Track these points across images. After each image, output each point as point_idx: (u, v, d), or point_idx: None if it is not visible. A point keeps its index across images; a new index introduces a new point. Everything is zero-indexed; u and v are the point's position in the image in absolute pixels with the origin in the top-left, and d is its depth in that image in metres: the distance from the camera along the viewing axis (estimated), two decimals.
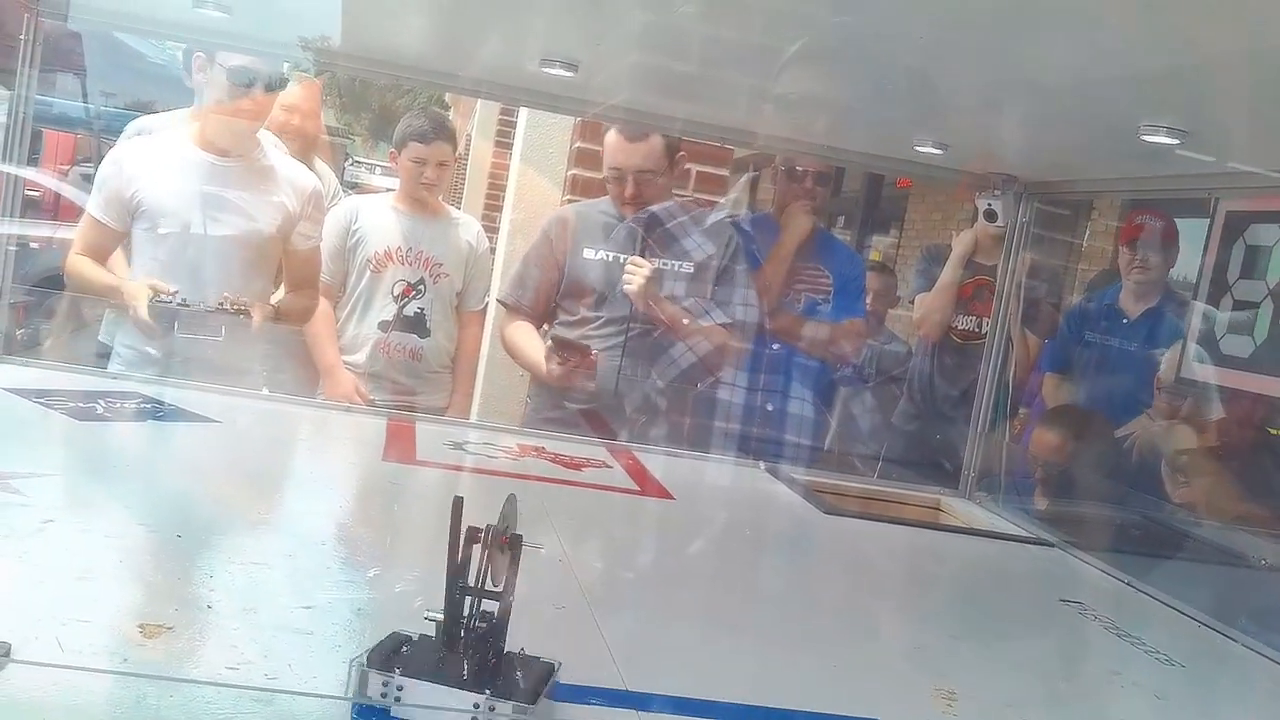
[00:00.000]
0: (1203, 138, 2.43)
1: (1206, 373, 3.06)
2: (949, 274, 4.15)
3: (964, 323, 4.12)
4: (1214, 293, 3.26)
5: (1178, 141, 2.40)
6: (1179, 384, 3.23)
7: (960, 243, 4.19)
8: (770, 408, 3.56)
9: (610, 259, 3.47)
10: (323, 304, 3.57)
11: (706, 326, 3.46)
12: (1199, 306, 3.33)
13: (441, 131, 3.69)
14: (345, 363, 3.61)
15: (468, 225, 3.85)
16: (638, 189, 3.47)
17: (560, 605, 1.81)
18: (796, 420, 3.59)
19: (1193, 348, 3.13)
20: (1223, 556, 2.95)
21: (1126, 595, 2.53)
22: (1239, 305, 3.17)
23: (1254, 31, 1.76)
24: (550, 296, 3.53)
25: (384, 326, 3.61)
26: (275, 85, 3.32)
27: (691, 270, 3.48)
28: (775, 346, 3.61)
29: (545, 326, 3.59)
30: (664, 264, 3.46)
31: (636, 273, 3.34)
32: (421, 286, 3.64)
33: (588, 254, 3.48)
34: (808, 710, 1.59)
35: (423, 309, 3.63)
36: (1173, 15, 1.75)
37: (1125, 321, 3.76)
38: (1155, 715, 1.83)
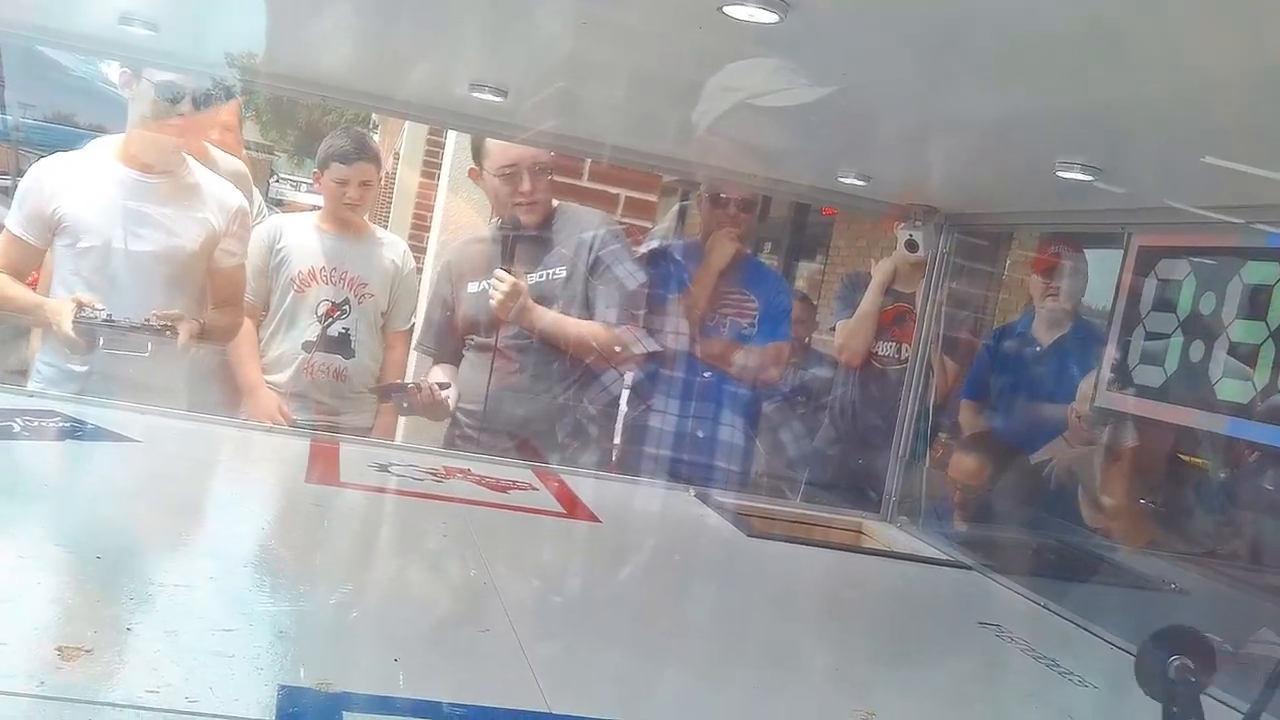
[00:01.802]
0: (1116, 174, 2.50)
1: (1121, 401, 3.15)
2: (869, 301, 4.22)
3: (884, 349, 4.19)
4: (1127, 324, 3.36)
5: (1092, 178, 2.48)
6: (1094, 411, 3.31)
7: (880, 271, 4.26)
8: (700, 434, 3.58)
9: (483, 287, 3.47)
10: (246, 323, 3.53)
11: (587, 325, 3.45)
12: (1113, 337, 3.42)
13: (364, 151, 3.67)
14: (268, 382, 3.57)
15: (393, 245, 3.83)
16: (533, 184, 3.45)
17: (484, 627, 1.81)
18: (726, 446, 3.62)
19: (1106, 376, 3.21)
20: (1135, 580, 3.03)
21: (1042, 618, 2.58)
22: (1151, 336, 3.27)
23: (1164, 77, 1.83)
24: (454, 335, 3.57)
25: (308, 346, 3.58)
26: (203, 102, 3.29)
27: (562, 278, 3.48)
28: (706, 374, 3.63)
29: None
30: (553, 274, 3.46)
31: (498, 287, 3.33)
32: (346, 306, 3.61)
33: (472, 287, 3.50)
34: None
35: (347, 329, 3.61)
36: (1087, 60, 1.81)
37: (1037, 349, 3.85)
38: None
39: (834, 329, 4.46)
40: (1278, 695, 1.49)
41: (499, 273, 3.35)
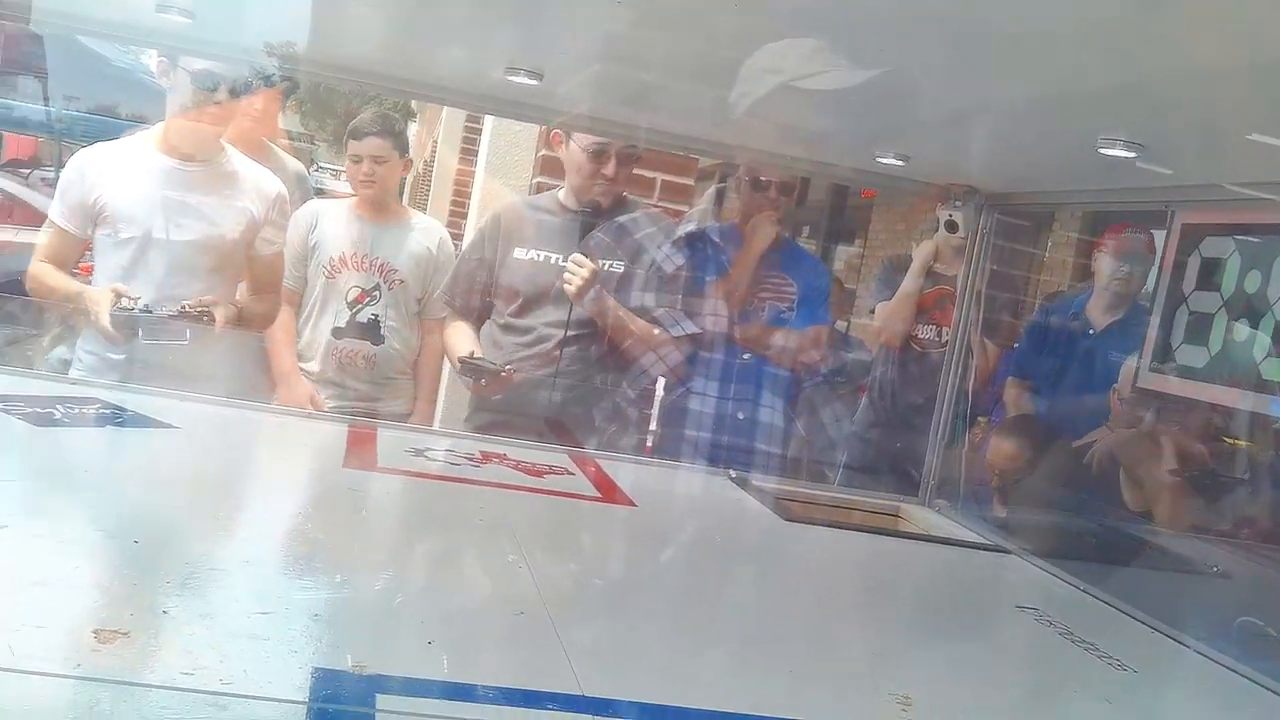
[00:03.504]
0: (1159, 151, 2.47)
1: (1163, 382, 3.10)
2: (910, 283, 4.19)
3: (924, 332, 4.16)
4: (1170, 304, 3.31)
5: (1135, 155, 2.44)
6: (1135, 393, 3.27)
7: (921, 253, 4.23)
8: (740, 416, 3.56)
9: (542, 259, 3.43)
10: (284, 310, 3.54)
11: (649, 331, 3.44)
12: (1156, 317, 3.38)
13: (376, 127, 3.63)
14: (301, 369, 3.59)
15: (429, 231, 3.80)
16: (618, 168, 3.43)
17: (519, 610, 1.82)
18: (765, 428, 3.60)
19: (1149, 357, 3.17)
20: (1176, 564, 2.99)
21: (1082, 602, 2.56)
22: (1194, 316, 3.22)
23: (1207, 51, 1.79)
24: (483, 295, 3.51)
25: (337, 333, 3.59)
26: (241, 90, 3.30)
27: (618, 273, 3.45)
28: (745, 356, 3.61)
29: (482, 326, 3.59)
30: (611, 266, 3.43)
31: (577, 272, 3.30)
32: (376, 293, 3.61)
33: (519, 253, 3.45)
34: (763, 714, 1.60)
35: (377, 315, 3.60)
36: (1128, 36, 1.79)
37: (1092, 332, 3.78)
38: (1101, 718, 1.86)
39: (873, 311, 4.44)
40: None
41: (578, 257, 3.31)
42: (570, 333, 3.37)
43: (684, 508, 3.02)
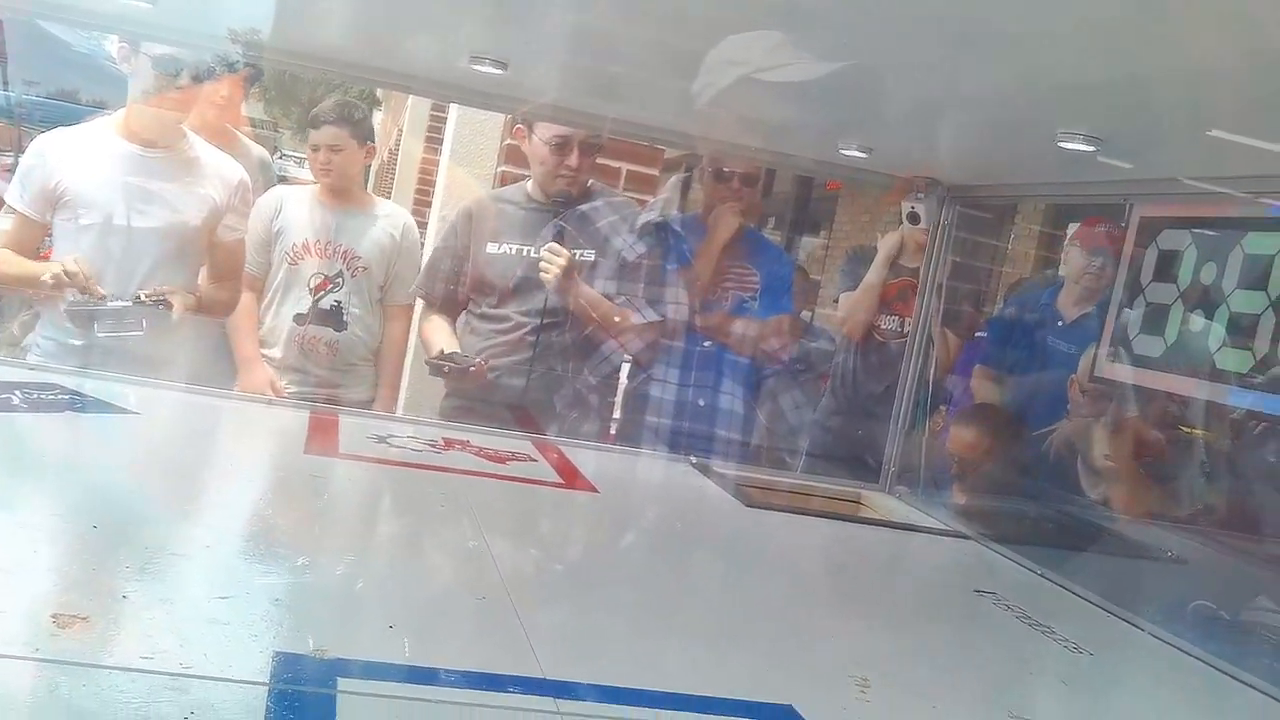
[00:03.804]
0: (1118, 146, 2.50)
1: (1120, 372, 3.15)
2: (874, 274, 4.20)
3: (887, 323, 4.18)
4: (1128, 295, 3.35)
5: (1094, 149, 2.47)
6: (1094, 383, 3.31)
7: (886, 244, 4.24)
8: (701, 403, 3.58)
9: (514, 251, 3.44)
10: (246, 296, 3.53)
11: (623, 318, 3.46)
12: (1114, 308, 3.42)
13: (333, 115, 3.61)
14: (264, 356, 3.58)
15: (393, 218, 3.78)
16: (581, 158, 3.45)
17: (480, 595, 1.82)
18: (727, 416, 3.63)
19: (1106, 348, 3.21)
20: (1132, 549, 3.03)
21: (1039, 586, 2.60)
22: (1151, 307, 3.26)
23: (1166, 49, 1.82)
24: (459, 288, 3.53)
25: (299, 319, 3.58)
26: (203, 75, 3.28)
27: (589, 260, 3.47)
28: (707, 344, 3.63)
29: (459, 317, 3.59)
30: (582, 254, 3.45)
31: (554, 261, 3.33)
32: (339, 279, 3.60)
33: (491, 248, 3.47)
34: (723, 697, 1.62)
35: (339, 302, 3.59)
36: (1088, 33, 1.81)
37: (1061, 324, 3.81)
38: (1060, 702, 1.89)
39: (837, 301, 4.46)
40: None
41: (553, 246, 3.34)
42: (544, 320, 3.40)
43: (646, 493, 3.04)
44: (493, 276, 3.45)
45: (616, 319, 3.47)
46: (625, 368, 3.62)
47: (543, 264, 3.34)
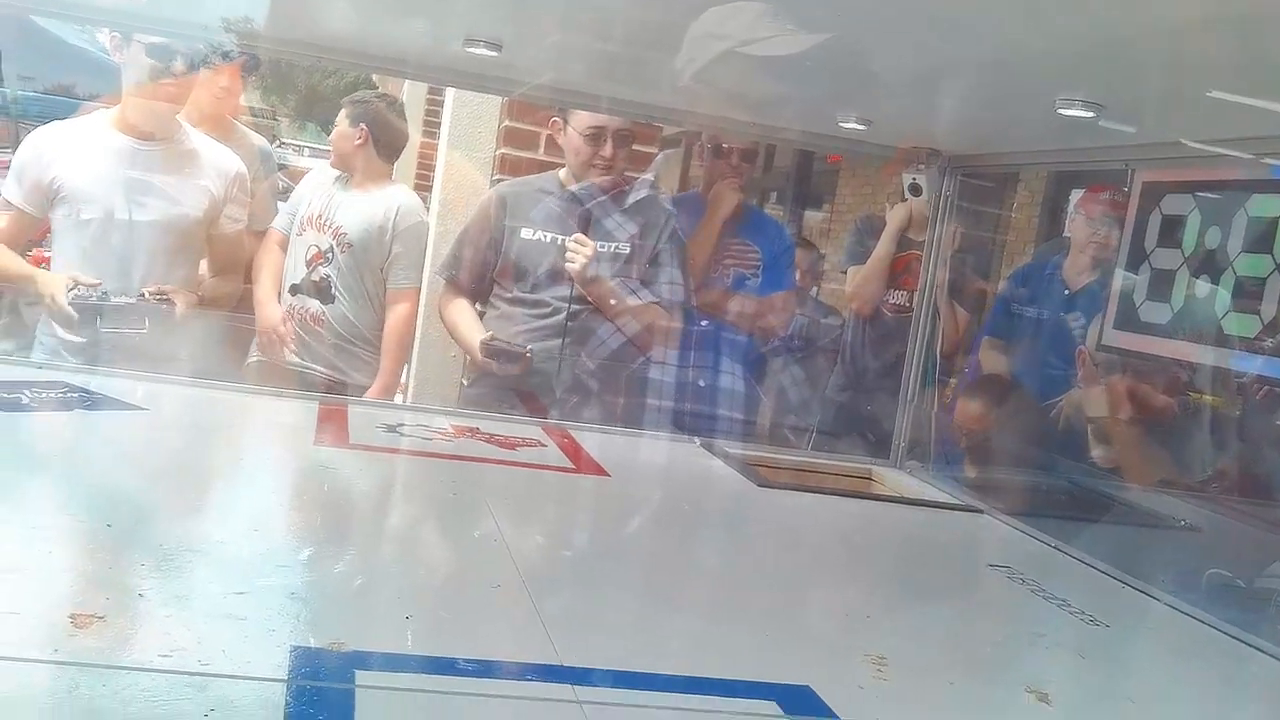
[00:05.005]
0: (1118, 111, 2.48)
1: (1127, 339, 3.14)
2: (883, 247, 4.19)
3: (895, 297, 4.17)
4: (1132, 261, 3.34)
5: (1093, 114, 2.45)
6: (1100, 351, 3.31)
7: (895, 217, 4.22)
8: (702, 383, 3.58)
9: (548, 239, 3.45)
10: (274, 252, 3.70)
11: (641, 306, 3.46)
12: (1119, 274, 3.41)
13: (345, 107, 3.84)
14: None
15: (388, 198, 3.80)
16: (615, 150, 3.47)
17: (495, 583, 1.82)
18: (731, 395, 3.62)
19: (1113, 315, 3.20)
20: (1144, 518, 3.03)
21: (1052, 558, 2.59)
22: (1157, 273, 3.25)
23: (1164, 8, 1.81)
24: (486, 274, 3.52)
25: (293, 289, 3.68)
26: (197, 64, 3.28)
27: (628, 250, 3.48)
28: (704, 323, 3.63)
29: (480, 305, 3.59)
30: (606, 246, 3.45)
31: (580, 251, 3.34)
32: (330, 254, 3.67)
33: (525, 234, 3.47)
34: (741, 679, 1.62)
35: (329, 275, 3.66)
36: None
37: (1067, 293, 3.80)
38: (1077, 674, 1.88)
39: (844, 273, 4.44)
40: None
41: (579, 236, 3.38)
42: (574, 307, 3.42)
43: (656, 476, 3.03)
44: (526, 262, 3.46)
45: (626, 305, 3.47)
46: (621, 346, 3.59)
47: (569, 253, 3.37)
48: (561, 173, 3.62)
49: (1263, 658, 2.07)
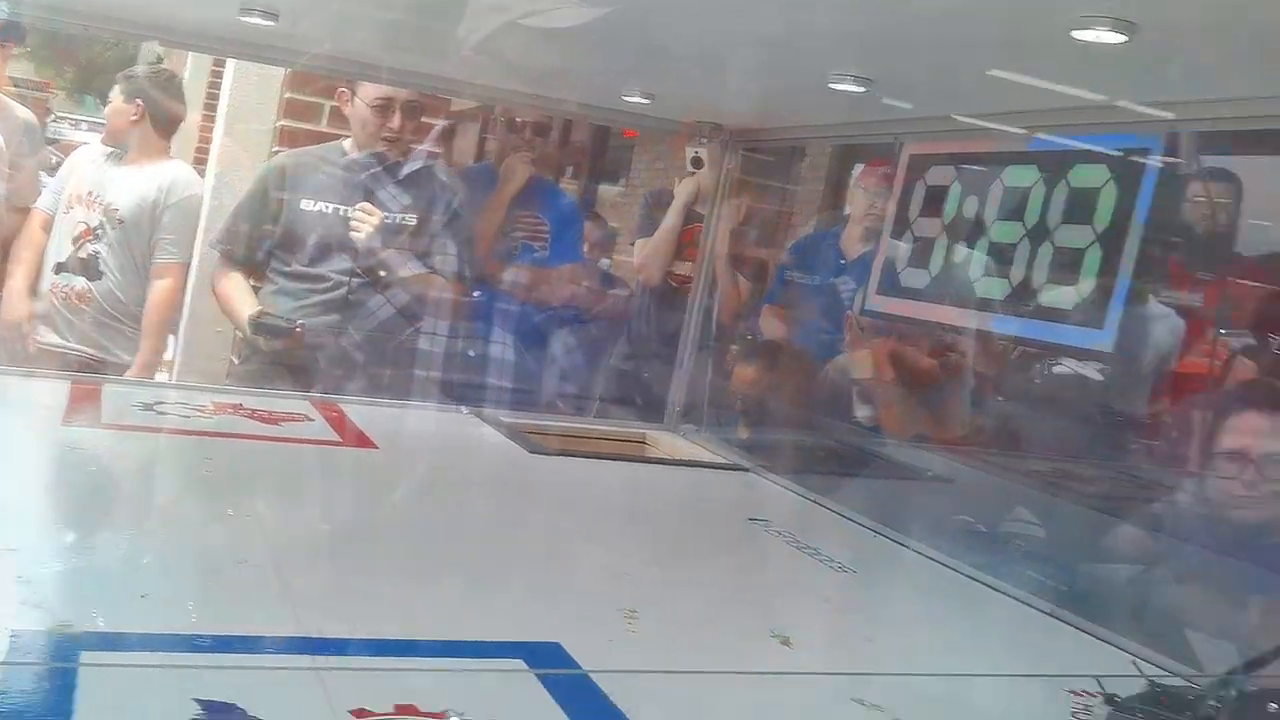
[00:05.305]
0: (888, 86, 2.58)
1: (887, 304, 3.27)
2: (671, 219, 4.26)
3: (681, 268, 4.24)
4: (898, 231, 3.48)
5: (864, 89, 2.54)
6: (864, 315, 3.44)
7: (682, 190, 4.30)
8: (472, 353, 3.59)
9: (330, 210, 3.39)
10: (38, 232, 3.56)
11: (415, 276, 3.44)
12: (886, 242, 3.54)
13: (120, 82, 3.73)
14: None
15: (160, 174, 3.73)
16: (404, 120, 3.43)
17: (241, 559, 1.78)
18: (502, 365, 3.64)
19: (877, 281, 3.33)
20: (900, 472, 3.18)
21: (812, 512, 2.70)
22: (919, 241, 3.39)
23: None
24: (262, 247, 3.44)
25: (58, 268, 3.58)
26: None
27: (402, 221, 3.45)
28: (479, 294, 3.63)
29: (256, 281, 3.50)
30: (394, 218, 3.42)
31: (367, 220, 3.30)
32: (100, 231, 3.57)
33: (305, 205, 3.40)
34: (491, 640, 1.63)
35: (97, 252, 3.56)
36: None
37: (844, 262, 3.94)
38: (818, 616, 1.97)
39: (633, 245, 4.50)
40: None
41: (365, 206, 3.34)
42: (356, 280, 3.37)
43: (426, 445, 3.00)
44: (307, 234, 3.38)
45: (403, 275, 3.44)
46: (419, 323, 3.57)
47: (353, 222, 3.32)
48: (346, 143, 3.57)
49: (999, 596, 2.21)
